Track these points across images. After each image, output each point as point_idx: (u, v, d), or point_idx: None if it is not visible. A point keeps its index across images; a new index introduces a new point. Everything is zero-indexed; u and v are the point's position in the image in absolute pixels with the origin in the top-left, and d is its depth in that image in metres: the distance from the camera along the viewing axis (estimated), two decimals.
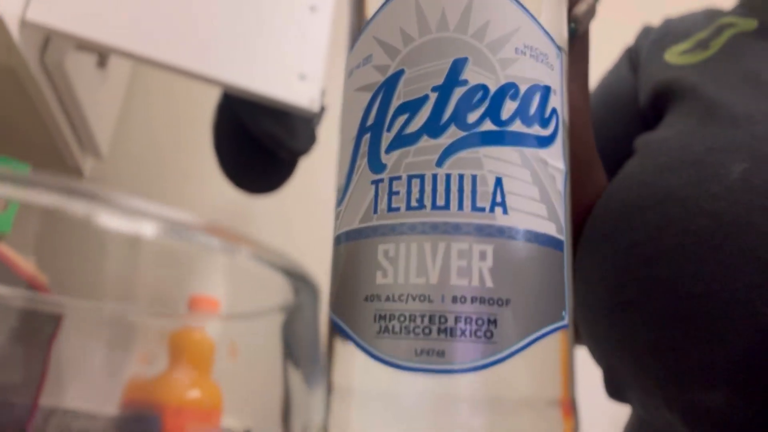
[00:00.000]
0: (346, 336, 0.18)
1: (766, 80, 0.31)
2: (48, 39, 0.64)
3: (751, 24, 0.37)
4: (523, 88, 0.19)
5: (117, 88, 0.92)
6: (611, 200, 0.32)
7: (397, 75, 0.20)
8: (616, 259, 0.30)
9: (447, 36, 0.19)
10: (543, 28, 0.20)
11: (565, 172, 0.20)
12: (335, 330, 0.19)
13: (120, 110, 0.95)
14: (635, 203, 0.30)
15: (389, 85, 0.20)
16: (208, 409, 0.19)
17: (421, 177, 0.18)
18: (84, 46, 0.68)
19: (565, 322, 0.18)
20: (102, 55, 0.70)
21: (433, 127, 0.19)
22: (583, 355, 0.36)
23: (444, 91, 0.19)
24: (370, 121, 0.20)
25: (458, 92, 0.19)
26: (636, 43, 0.46)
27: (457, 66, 0.19)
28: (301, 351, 0.14)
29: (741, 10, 0.40)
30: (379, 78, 0.20)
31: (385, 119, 0.19)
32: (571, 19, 0.31)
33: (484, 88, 0.19)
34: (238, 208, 0.96)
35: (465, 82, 0.19)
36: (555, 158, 0.19)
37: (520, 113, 0.19)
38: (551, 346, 0.17)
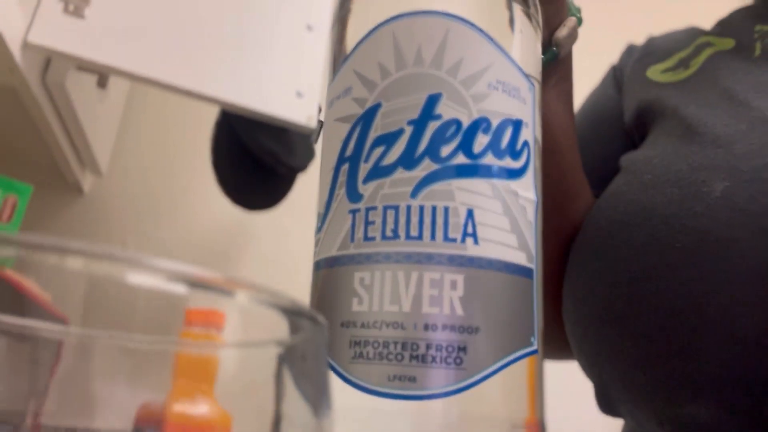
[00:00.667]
0: None
1: (743, 100, 0.32)
2: (49, 60, 0.66)
3: (728, 43, 0.38)
4: (495, 122, 0.20)
5: (115, 105, 0.93)
6: (599, 218, 0.33)
7: (375, 108, 0.21)
8: (604, 275, 0.31)
9: (422, 71, 0.20)
10: (515, 63, 0.21)
11: (536, 202, 0.21)
12: None
13: (119, 127, 0.96)
14: (622, 220, 0.31)
15: (367, 117, 0.21)
16: (218, 426, 0.19)
17: (396, 208, 0.19)
18: (84, 67, 0.69)
19: (534, 347, 0.19)
20: (102, 75, 0.72)
21: (408, 160, 0.19)
22: (575, 369, 0.37)
23: (419, 125, 0.20)
24: (348, 152, 0.21)
25: (432, 126, 0.19)
26: (620, 62, 0.47)
27: (432, 101, 0.20)
28: (309, 384, 0.15)
29: (719, 30, 0.41)
30: (358, 110, 0.21)
31: (362, 151, 0.20)
32: (553, 42, 0.32)
33: (457, 122, 0.20)
34: (237, 224, 0.97)
35: (439, 116, 0.20)
36: (526, 189, 0.20)
37: (492, 147, 0.20)
38: (520, 370, 0.18)
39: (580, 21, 0.32)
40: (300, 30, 0.71)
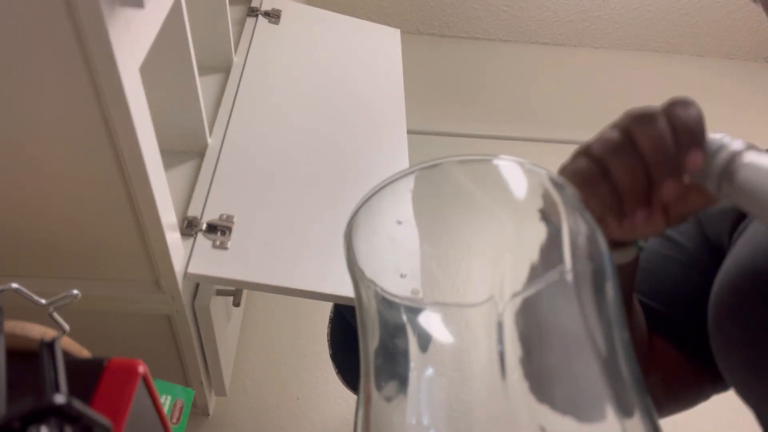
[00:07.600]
0: None
1: None
2: (197, 287, 0.79)
3: None
4: None
5: (234, 327, 1.05)
6: None
7: None
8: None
9: None
10: None
11: None
12: None
13: (237, 346, 1.06)
14: None
15: None
16: None
17: None
18: (223, 292, 0.83)
19: None
20: (237, 294, 0.85)
21: None
22: None
23: None
24: None
25: None
26: None
27: None
28: None
29: None
30: None
31: None
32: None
33: None
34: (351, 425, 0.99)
35: None
36: None
37: None
38: None
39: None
40: (392, 224, 0.85)
